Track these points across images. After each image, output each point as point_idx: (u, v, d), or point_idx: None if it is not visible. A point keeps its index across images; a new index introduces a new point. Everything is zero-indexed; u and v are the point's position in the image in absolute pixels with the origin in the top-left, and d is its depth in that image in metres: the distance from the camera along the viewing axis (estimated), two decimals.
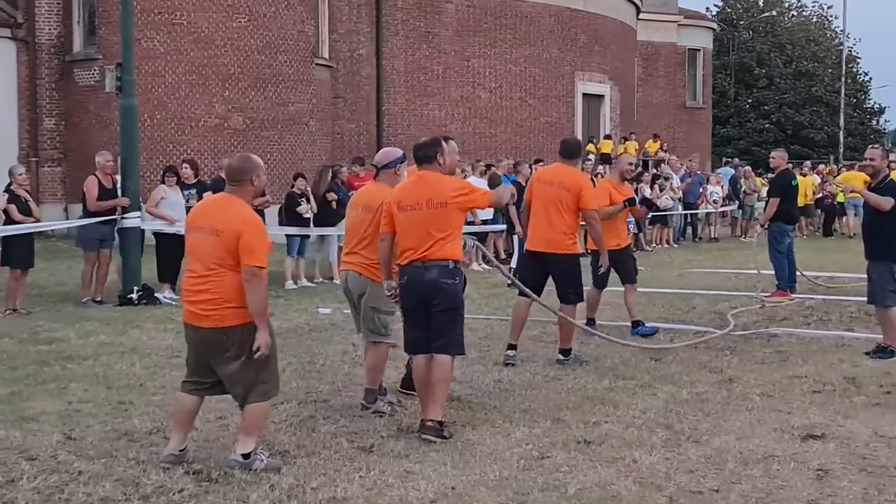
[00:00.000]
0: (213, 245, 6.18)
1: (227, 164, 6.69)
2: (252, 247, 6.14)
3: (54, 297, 14.46)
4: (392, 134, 29.23)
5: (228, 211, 6.25)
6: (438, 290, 7.27)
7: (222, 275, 6.17)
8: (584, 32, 33.45)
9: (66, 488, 5.99)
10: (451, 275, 7.32)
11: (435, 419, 7.18)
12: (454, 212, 7.35)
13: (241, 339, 6.21)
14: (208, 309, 6.20)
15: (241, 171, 6.39)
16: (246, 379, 6.29)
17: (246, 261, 6.12)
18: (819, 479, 6.20)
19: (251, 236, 6.15)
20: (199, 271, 6.25)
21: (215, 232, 6.17)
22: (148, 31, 22.80)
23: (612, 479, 6.19)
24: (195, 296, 6.26)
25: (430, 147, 7.59)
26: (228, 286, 6.17)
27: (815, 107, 58.73)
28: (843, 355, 10.20)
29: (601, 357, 10.21)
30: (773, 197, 14.90)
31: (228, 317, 6.19)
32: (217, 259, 6.17)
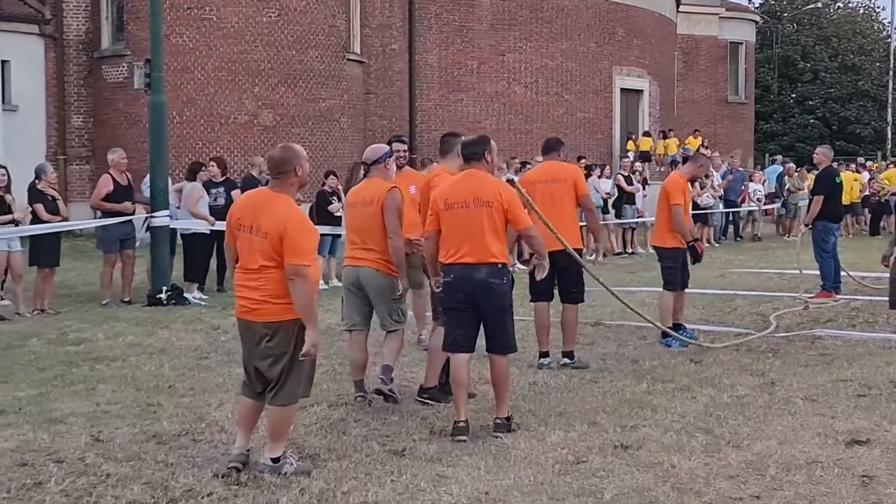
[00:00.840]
0: (262, 245, 6.24)
1: (268, 156, 6.71)
2: (296, 246, 6.19)
3: (82, 298, 14.60)
4: (425, 130, 29.28)
5: (273, 210, 6.28)
6: (489, 290, 7.38)
7: (271, 272, 6.24)
8: (623, 26, 33.33)
9: (93, 491, 6.05)
10: (499, 275, 7.42)
11: (502, 416, 7.43)
12: (500, 212, 7.41)
13: (285, 336, 6.27)
14: (256, 304, 6.28)
15: (284, 163, 6.41)
16: (280, 376, 6.32)
17: (289, 259, 6.17)
18: (864, 486, 6.16)
19: (295, 235, 6.20)
20: (249, 267, 6.31)
21: (262, 234, 6.24)
22: (177, 27, 22.96)
23: (649, 484, 6.18)
24: (245, 291, 6.35)
25: (478, 145, 7.70)
26: (277, 283, 6.23)
27: (861, 101, 58.20)
28: (889, 358, 10.11)
29: (639, 359, 10.19)
30: (817, 195, 14.80)
31: (275, 312, 6.25)
32: (267, 259, 6.23)
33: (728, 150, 36.03)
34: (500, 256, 7.44)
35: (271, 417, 6.45)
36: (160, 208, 14.43)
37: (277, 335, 6.27)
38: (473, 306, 7.45)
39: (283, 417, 6.42)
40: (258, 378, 6.45)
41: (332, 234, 16.30)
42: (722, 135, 42.49)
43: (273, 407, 6.41)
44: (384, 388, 8.31)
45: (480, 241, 7.37)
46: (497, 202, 7.39)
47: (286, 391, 6.35)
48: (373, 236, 8.22)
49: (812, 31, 59.98)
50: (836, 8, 63.86)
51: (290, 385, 6.34)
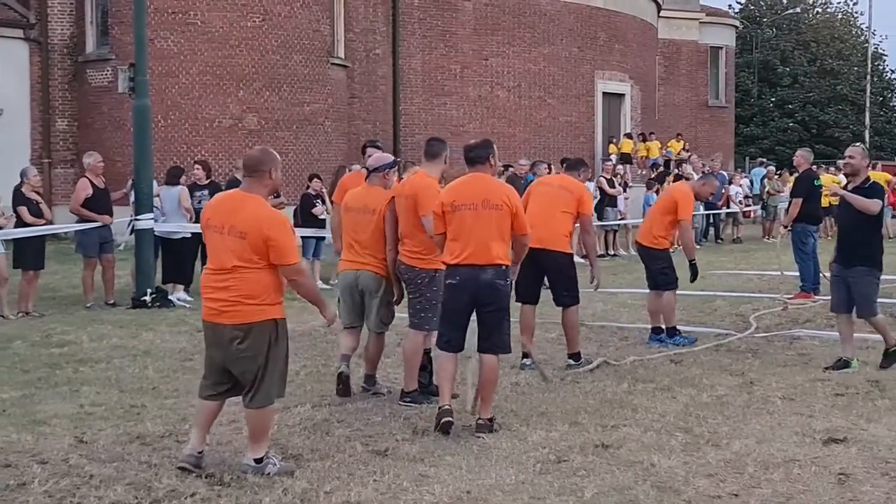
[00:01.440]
0: (236, 246, 6.19)
1: (245, 155, 6.70)
2: (284, 248, 6.22)
3: (67, 300, 14.55)
4: (409, 134, 29.26)
5: (248, 210, 6.25)
6: (494, 291, 7.49)
7: (245, 272, 6.21)
8: (604, 30, 33.40)
9: (77, 492, 6.04)
10: (504, 276, 7.55)
11: (485, 417, 7.49)
12: (508, 216, 7.53)
13: (258, 337, 6.25)
14: (228, 305, 6.23)
15: (260, 163, 6.41)
16: (255, 379, 6.31)
17: (282, 261, 6.21)
18: (841, 484, 6.19)
19: (281, 238, 6.21)
20: (220, 268, 6.26)
21: (239, 234, 6.19)
22: (161, 31, 22.89)
23: (629, 483, 6.20)
24: (215, 293, 6.29)
25: (482, 148, 7.82)
26: (250, 283, 6.21)
27: (840, 105, 58.53)
28: (866, 358, 10.14)
29: (620, 359, 10.21)
30: (796, 197, 14.88)
31: (248, 313, 6.22)
32: (242, 259, 6.19)
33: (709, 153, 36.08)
34: (504, 258, 7.56)
35: (251, 420, 6.43)
36: (144, 211, 14.38)
37: (249, 337, 6.23)
38: (474, 307, 7.54)
39: (262, 419, 6.40)
40: (222, 379, 6.43)
41: (315, 237, 16.29)
42: (702, 138, 42.61)
43: (251, 410, 6.39)
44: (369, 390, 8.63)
45: (487, 243, 7.45)
46: (506, 206, 7.51)
47: (262, 393, 6.33)
48: (374, 243, 8.47)
49: (791, 36, 60.30)
50: (815, 13, 64.19)
51: (265, 386, 6.33)
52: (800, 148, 16.69)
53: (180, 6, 23.25)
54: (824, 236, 23.49)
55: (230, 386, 6.47)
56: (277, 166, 6.46)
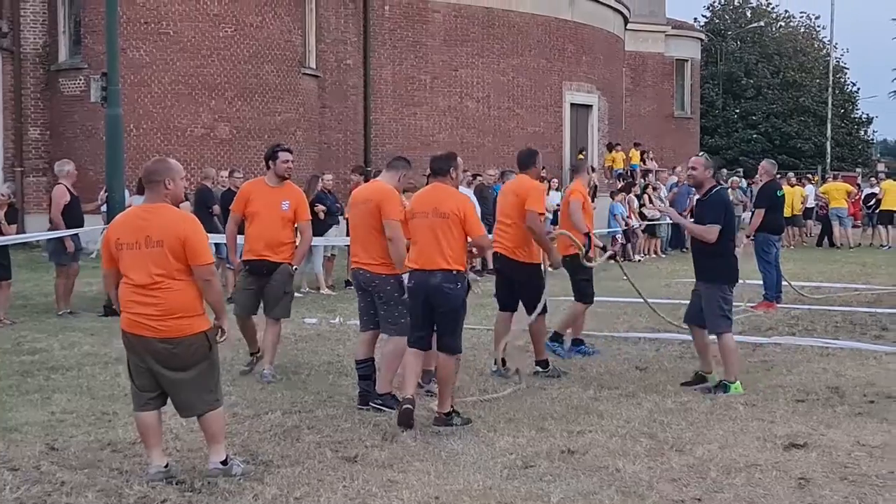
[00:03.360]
0: (155, 256, 6.13)
1: (143, 167, 6.72)
2: (198, 247, 6.20)
3: (38, 308, 14.45)
4: (379, 144, 29.25)
5: (160, 218, 6.23)
6: (442, 294, 7.75)
7: (169, 285, 6.15)
8: (572, 42, 33.54)
9: (48, 498, 6.02)
10: (453, 280, 7.77)
11: (442, 412, 7.80)
12: (456, 223, 7.79)
13: (190, 349, 6.23)
14: (156, 320, 6.16)
15: (154, 173, 6.38)
16: (196, 388, 6.30)
17: (196, 261, 6.17)
18: (801, 488, 6.25)
19: (195, 237, 6.20)
20: (141, 282, 6.16)
21: (154, 243, 6.14)
22: (134, 41, 22.80)
23: (595, 488, 6.23)
24: (139, 307, 6.19)
25: (444, 161, 8.14)
26: (176, 296, 6.16)
27: (802, 117, 59.00)
28: (826, 364, 10.26)
29: (586, 367, 10.26)
30: (759, 208, 14.98)
31: (177, 328, 6.18)
32: (162, 270, 6.13)
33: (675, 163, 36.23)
34: (454, 263, 7.78)
35: (206, 424, 6.42)
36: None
37: (179, 348, 6.21)
38: (430, 309, 7.81)
39: (215, 420, 6.42)
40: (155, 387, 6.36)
41: None
42: (668, 149, 42.83)
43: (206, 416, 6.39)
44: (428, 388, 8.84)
45: (437, 249, 7.77)
46: (454, 214, 7.77)
47: (202, 399, 6.34)
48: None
49: (755, 49, 60.74)
50: (779, 27, 64.70)
51: (208, 391, 6.36)
52: (764, 159, 16.80)
53: (152, 16, 23.17)
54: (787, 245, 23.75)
55: (160, 392, 6.41)
56: (174, 176, 6.40)
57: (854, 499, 6.04)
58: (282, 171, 9.65)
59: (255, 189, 9.76)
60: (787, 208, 21.60)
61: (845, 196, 29.01)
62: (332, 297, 16.31)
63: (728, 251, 9.14)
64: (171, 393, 6.38)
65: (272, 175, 9.69)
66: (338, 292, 16.86)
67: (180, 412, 6.49)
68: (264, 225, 9.53)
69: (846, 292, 16.99)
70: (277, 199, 9.57)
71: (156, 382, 6.35)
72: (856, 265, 22.28)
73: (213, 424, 6.42)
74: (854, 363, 10.35)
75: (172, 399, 6.42)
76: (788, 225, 24.46)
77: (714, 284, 9.09)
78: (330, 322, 13.21)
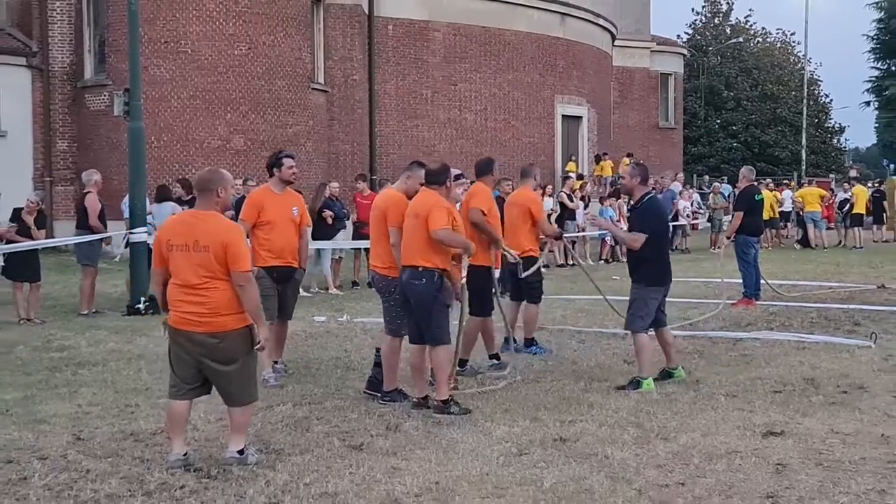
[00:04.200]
0: (200, 259, 6.17)
1: (196, 176, 6.71)
2: (239, 254, 6.22)
3: (66, 308, 14.44)
4: (384, 154, 29.26)
5: (208, 224, 6.25)
6: (411, 289, 7.89)
7: (216, 285, 6.19)
8: (564, 58, 33.54)
9: (74, 485, 6.00)
10: (418, 276, 7.85)
11: (438, 399, 7.88)
12: (424, 222, 7.82)
13: (235, 343, 6.27)
14: (204, 317, 6.20)
15: (208, 182, 6.41)
16: (240, 380, 6.36)
17: (235, 268, 6.18)
18: (778, 473, 6.23)
19: (236, 244, 6.24)
20: (190, 282, 6.20)
21: (201, 248, 6.17)
22: (155, 59, 22.83)
23: (585, 473, 6.21)
24: (187, 306, 6.23)
25: (440, 174, 8.17)
26: (222, 295, 6.20)
27: (779, 127, 58.94)
28: (802, 358, 10.23)
29: (578, 361, 10.24)
30: (738, 211, 14.97)
31: (223, 323, 6.22)
32: (208, 272, 6.17)
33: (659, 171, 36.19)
34: (423, 261, 7.84)
35: (236, 416, 6.43)
36: (138, 225, 14.33)
37: (224, 342, 6.24)
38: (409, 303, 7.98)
39: (246, 413, 6.48)
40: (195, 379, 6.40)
41: None
42: (654, 157, 42.81)
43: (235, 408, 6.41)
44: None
45: (409, 248, 7.92)
46: (423, 215, 7.83)
47: (246, 391, 6.41)
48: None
49: (734, 64, 60.70)
50: (756, 43, 64.62)
51: (245, 385, 6.39)
52: (743, 166, 16.78)
53: (172, 36, 23.20)
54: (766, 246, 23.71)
55: (198, 385, 6.46)
56: (227, 185, 6.46)
57: (828, 483, 6.01)
58: (287, 176, 9.26)
59: (266, 197, 9.26)
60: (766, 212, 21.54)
61: (819, 200, 28.98)
62: (340, 296, 16.30)
63: (655, 256, 8.83)
64: (218, 384, 6.42)
65: (277, 182, 9.26)
66: (345, 292, 16.85)
67: (227, 401, 6.47)
68: (283, 232, 9.11)
69: (821, 290, 16.96)
70: (288, 205, 9.22)
71: (198, 375, 6.39)
72: (830, 265, 22.23)
73: (243, 416, 6.45)
74: (828, 356, 10.33)
75: (219, 390, 6.46)
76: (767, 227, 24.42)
77: (640, 285, 8.88)
78: (338, 320, 13.19)
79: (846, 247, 28.41)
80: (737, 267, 15.09)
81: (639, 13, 43.53)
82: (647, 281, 8.86)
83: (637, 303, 8.88)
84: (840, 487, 5.93)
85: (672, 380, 9.05)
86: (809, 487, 5.94)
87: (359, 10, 28.39)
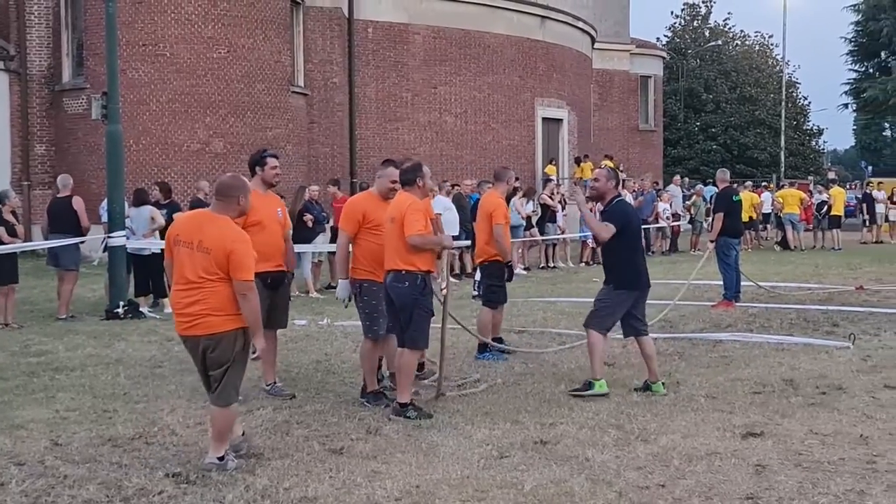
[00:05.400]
0: (202, 259, 6.19)
1: (218, 180, 6.64)
2: (243, 263, 6.19)
3: (44, 313, 14.35)
4: (364, 157, 29.22)
5: (216, 228, 6.26)
6: (392, 291, 7.91)
7: (213, 283, 6.20)
8: (543, 61, 33.57)
9: (52, 491, 5.95)
10: (401, 280, 7.85)
11: (398, 401, 7.84)
12: (400, 226, 7.83)
13: (227, 345, 6.27)
14: (198, 317, 6.22)
15: (232, 189, 6.41)
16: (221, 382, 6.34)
17: (238, 276, 6.17)
18: (758, 474, 6.25)
19: (242, 254, 6.20)
20: (189, 279, 6.23)
21: (204, 249, 6.19)
22: (133, 62, 22.71)
23: (566, 476, 6.21)
24: (185, 307, 6.26)
25: (411, 172, 8.14)
26: (217, 294, 6.20)
27: (758, 129, 59.20)
28: (781, 359, 10.27)
29: (559, 363, 10.25)
30: (717, 212, 15.02)
31: (215, 324, 6.22)
32: (206, 271, 6.18)
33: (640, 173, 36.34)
34: (402, 264, 7.84)
35: (216, 419, 6.41)
36: (117, 229, 14.26)
37: (220, 345, 6.25)
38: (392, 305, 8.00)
39: (226, 417, 6.41)
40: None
41: None
42: (634, 159, 43.01)
43: (215, 408, 6.40)
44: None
45: (390, 252, 7.93)
46: (399, 219, 7.85)
47: (225, 393, 6.35)
48: None
49: (713, 66, 60.93)
50: (735, 45, 64.88)
51: (227, 387, 6.35)
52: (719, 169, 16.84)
53: (150, 39, 23.09)
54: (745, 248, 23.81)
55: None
56: (248, 194, 6.49)
57: (807, 484, 6.03)
58: (270, 177, 8.75)
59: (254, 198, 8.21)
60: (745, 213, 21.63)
61: (798, 202, 29.15)
62: (321, 300, 16.27)
63: (626, 258, 8.74)
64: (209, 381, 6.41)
65: (259, 182, 8.63)
66: (325, 295, 16.82)
67: (213, 400, 6.44)
68: (272, 235, 8.57)
69: (800, 291, 17.05)
70: (273, 207, 8.75)
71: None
72: (809, 266, 22.36)
73: (223, 421, 6.39)
74: (807, 357, 10.38)
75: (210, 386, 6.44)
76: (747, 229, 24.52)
77: (608, 287, 8.80)
78: (318, 323, 13.16)
79: (824, 248, 28.60)
80: (717, 269, 15.15)
81: (618, 16, 43.66)
82: (615, 283, 8.76)
83: (601, 302, 8.78)
84: (819, 488, 5.95)
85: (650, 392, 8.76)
86: (789, 488, 5.96)
87: (338, 13, 28.36)
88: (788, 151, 55.19)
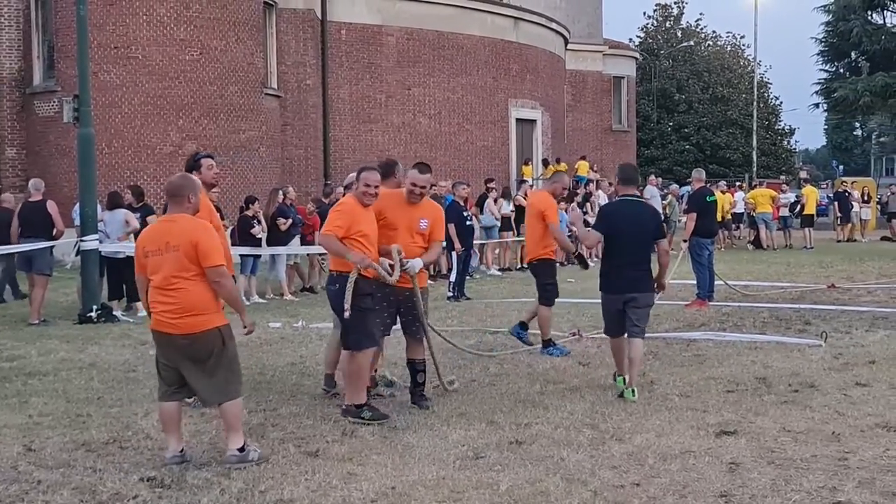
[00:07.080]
0: (172, 260, 6.31)
1: (167, 182, 6.80)
2: (209, 249, 6.33)
3: (16, 318, 14.24)
4: (338, 159, 29.17)
5: (178, 226, 6.41)
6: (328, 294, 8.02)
7: (184, 286, 6.31)
8: (517, 62, 33.63)
9: (25, 497, 5.91)
10: (333, 282, 7.85)
11: (346, 403, 7.83)
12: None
13: (206, 344, 6.38)
14: (175, 317, 6.33)
15: (180, 188, 6.58)
16: (213, 380, 6.44)
17: (207, 263, 6.31)
18: (731, 472, 6.29)
19: (206, 241, 6.35)
20: (162, 284, 6.35)
21: (172, 248, 6.32)
22: (105, 65, 22.58)
23: (541, 476, 6.23)
24: (161, 307, 6.38)
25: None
26: (191, 296, 6.32)
27: (730, 129, 59.51)
28: (755, 357, 10.35)
29: (534, 364, 10.27)
30: (690, 212, 15.10)
31: (192, 324, 6.33)
32: (177, 272, 6.30)
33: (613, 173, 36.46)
34: (335, 265, 7.87)
35: (225, 413, 6.52)
36: (89, 233, 14.18)
37: (197, 344, 6.36)
38: None
39: (233, 411, 6.53)
40: (177, 380, 6.54)
41: (252, 255, 16.17)
42: (608, 160, 43.07)
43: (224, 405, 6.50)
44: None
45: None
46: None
47: (225, 389, 6.49)
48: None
49: (686, 67, 61.22)
50: (707, 46, 65.19)
51: (226, 382, 6.49)
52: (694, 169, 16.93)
53: (122, 41, 22.95)
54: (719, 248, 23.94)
55: (181, 385, 6.59)
56: (196, 191, 6.65)
57: (781, 481, 6.08)
58: (209, 178, 8.69)
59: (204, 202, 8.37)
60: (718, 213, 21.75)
61: (770, 202, 29.34)
62: (296, 302, 16.24)
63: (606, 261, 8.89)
64: (192, 384, 6.52)
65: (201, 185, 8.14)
66: (300, 298, 16.80)
67: (202, 402, 6.63)
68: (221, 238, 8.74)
69: (773, 290, 17.17)
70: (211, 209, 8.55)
71: (180, 376, 6.51)
72: (781, 265, 22.53)
73: (230, 414, 6.51)
74: (780, 355, 10.46)
75: (197, 392, 6.62)
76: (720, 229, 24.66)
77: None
78: (293, 326, 13.13)
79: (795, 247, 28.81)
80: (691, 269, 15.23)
81: (591, 17, 43.81)
82: (600, 285, 8.96)
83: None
84: (792, 485, 6.00)
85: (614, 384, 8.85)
86: (762, 485, 6.00)
87: (311, 14, 28.30)
88: (760, 151, 55.54)
